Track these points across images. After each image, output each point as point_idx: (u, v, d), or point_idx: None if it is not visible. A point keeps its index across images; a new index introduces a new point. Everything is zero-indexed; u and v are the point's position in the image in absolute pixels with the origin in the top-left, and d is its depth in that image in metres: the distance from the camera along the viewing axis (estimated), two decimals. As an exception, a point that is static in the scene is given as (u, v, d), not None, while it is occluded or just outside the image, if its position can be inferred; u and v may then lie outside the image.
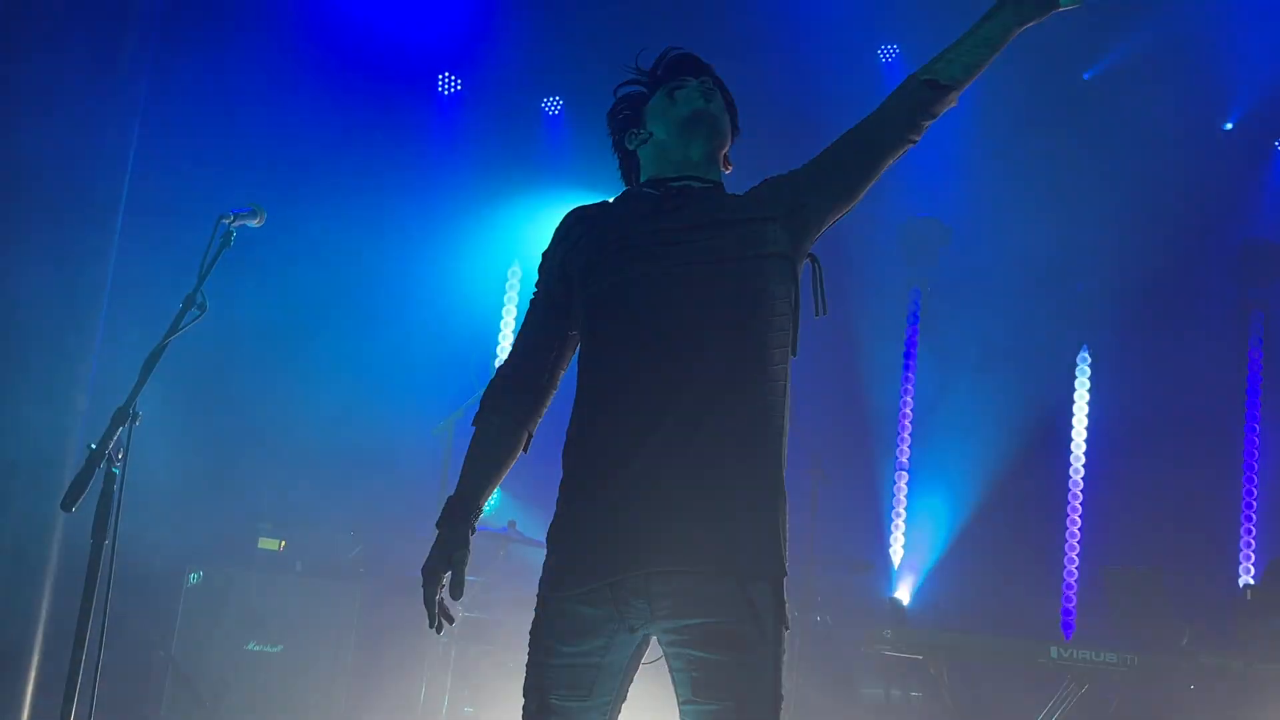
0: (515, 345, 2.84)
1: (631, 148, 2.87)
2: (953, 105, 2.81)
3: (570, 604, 2.57)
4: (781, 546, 2.60)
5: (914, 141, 2.80)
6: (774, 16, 8.06)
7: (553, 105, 8.77)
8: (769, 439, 2.62)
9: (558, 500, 2.67)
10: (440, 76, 8.63)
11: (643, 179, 2.86)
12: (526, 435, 2.80)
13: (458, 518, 2.69)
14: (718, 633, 2.48)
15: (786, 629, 2.58)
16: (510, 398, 2.79)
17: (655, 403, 2.55)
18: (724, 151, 2.88)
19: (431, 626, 2.67)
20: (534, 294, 2.83)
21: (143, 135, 6.96)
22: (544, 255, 2.83)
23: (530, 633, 2.63)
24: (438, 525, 2.71)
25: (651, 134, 2.83)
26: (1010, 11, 2.76)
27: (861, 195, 2.81)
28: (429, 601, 2.64)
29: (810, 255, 2.78)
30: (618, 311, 2.64)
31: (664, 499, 2.51)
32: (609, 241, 2.69)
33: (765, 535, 2.57)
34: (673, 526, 2.50)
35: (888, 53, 8.35)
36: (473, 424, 2.80)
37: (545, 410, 2.83)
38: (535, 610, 2.63)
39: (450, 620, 2.66)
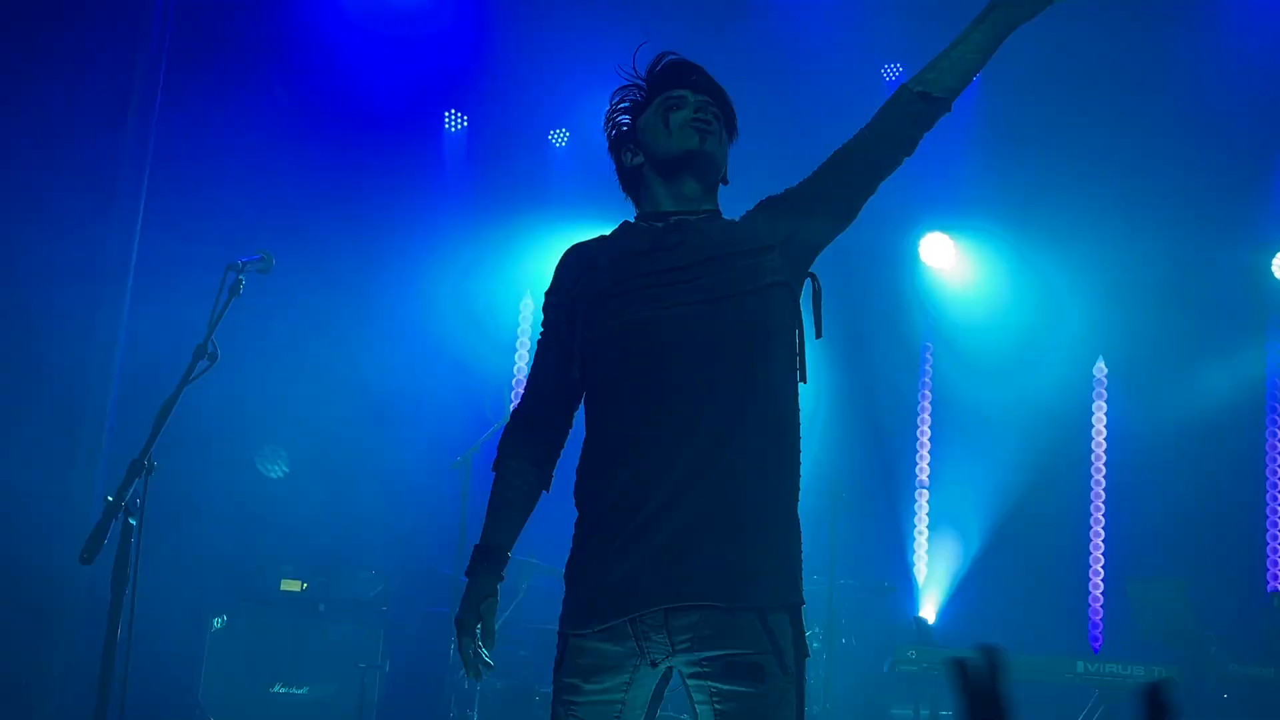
0: (528, 388, 2.83)
1: (628, 166, 2.83)
2: (947, 113, 2.77)
3: (591, 641, 2.57)
4: (798, 575, 2.61)
5: (910, 153, 2.77)
6: (777, 37, 8.09)
7: (559, 137, 8.80)
8: (781, 470, 2.62)
9: (574, 539, 2.68)
10: (446, 114, 8.67)
11: (641, 202, 2.82)
12: (547, 476, 2.80)
13: (485, 567, 2.70)
14: (739, 664, 2.49)
15: (806, 657, 2.58)
16: (527, 442, 2.79)
17: (666, 443, 2.55)
18: (721, 173, 2.85)
19: (470, 675, 2.67)
20: (541, 335, 2.82)
21: (152, 187, 7.02)
22: (547, 295, 2.82)
23: (553, 672, 2.63)
24: (466, 574, 2.72)
25: (645, 159, 2.79)
26: (1002, 13, 2.72)
27: (859, 210, 2.78)
28: (463, 652, 2.64)
29: (810, 274, 2.76)
30: (622, 353, 2.63)
31: (679, 535, 2.51)
32: (609, 281, 2.68)
33: (781, 565, 2.58)
34: (689, 561, 2.51)
35: (891, 71, 8.36)
36: (492, 469, 2.80)
37: (562, 448, 2.83)
38: (556, 649, 2.64)
39: (489, 667, 2.65)
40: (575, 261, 2.78)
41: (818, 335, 2.74)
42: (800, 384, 2.69)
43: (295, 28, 7.86)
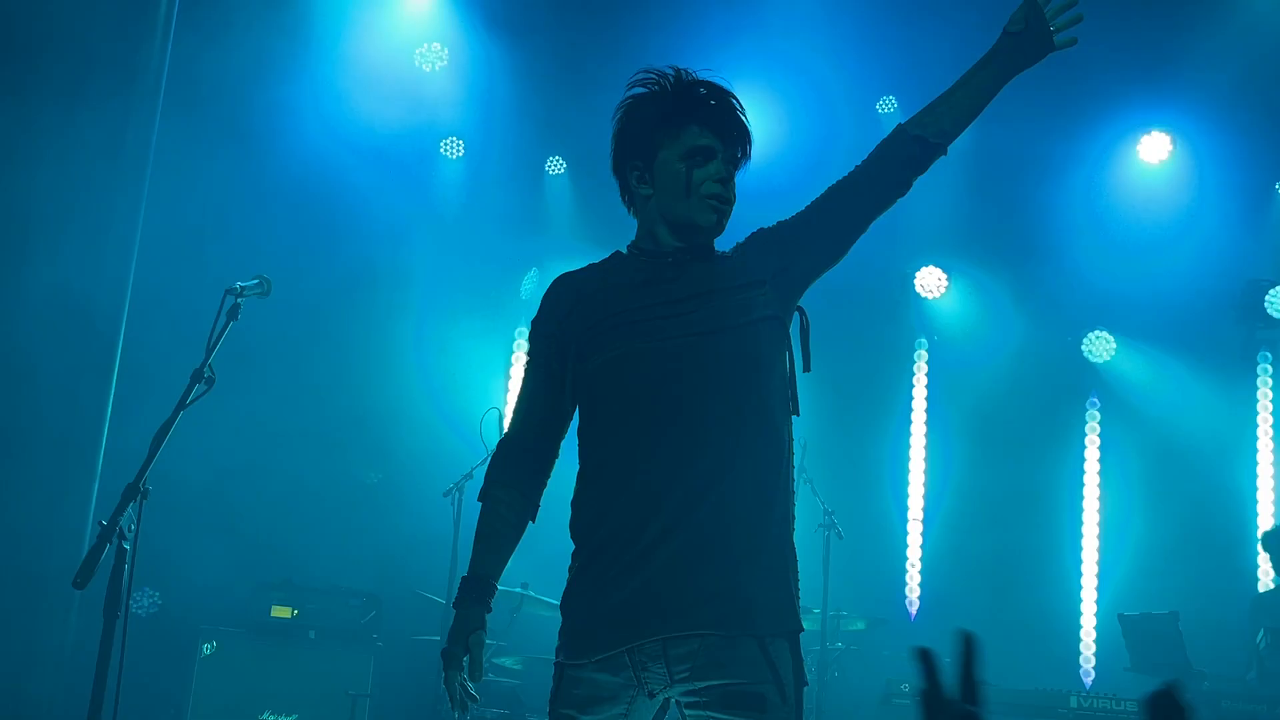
0: (515, 417, 2.79)
1: (634, 190, 2.76)
2: (942, 156, 2.77)
3: (588, 672, 2.56)
4: (796, 602, 2.61)
5: (903, 194, 2.77)
6: (773, 69, 8.12)
7: (556, 166, 8.81)
8: (777, 500, 2.62)
9: (570, 569, 2.66)
10: (443, 141, 8.69)
11: (640, 228, 2.78)
12: (534, 505, 2.77)
13: (473, 598, 2.66)
14: (738, 694, 2.49)
15: (805, 686, 2.58)
16: (514, 471, 2.76)
17: (663, 473, 2.55)
18: None
19: (454, 710, 2.63)
20: (528, 364, 2.80)
21: (149, 211, 7.03)
22: (534, 324, 2.79)
23: (549, 703, 2.61)
24: (454, 606, 2.69)
25: (655, 196, 2.73)
26: (1003, 60, 2.73)
27: (851, 248, 2.78)
28: (449, 685, 2.60)
29: (799, 308, 2.76)
30: (618, 387, 2.62)
31: (677, 565, 2.52)
32: (603, 314, 2.66)
33: (780, 593, 2.58)
34: (688, 590, 2.51)
35: (885, 104, 8.40)
36: (479, 499, 2.77)
37: (549, 477, 2.80)
38: (552, 679, 2.62)
39: (474, 700, 2.62)
40: (564, 292, 2.76)
41: (805, 368, 2.73)
42: (793, 416, 2.69)
43: (294, 54, 7.87)
